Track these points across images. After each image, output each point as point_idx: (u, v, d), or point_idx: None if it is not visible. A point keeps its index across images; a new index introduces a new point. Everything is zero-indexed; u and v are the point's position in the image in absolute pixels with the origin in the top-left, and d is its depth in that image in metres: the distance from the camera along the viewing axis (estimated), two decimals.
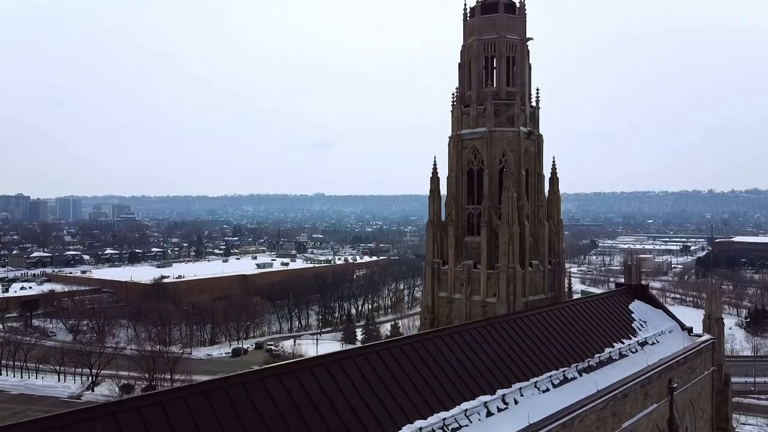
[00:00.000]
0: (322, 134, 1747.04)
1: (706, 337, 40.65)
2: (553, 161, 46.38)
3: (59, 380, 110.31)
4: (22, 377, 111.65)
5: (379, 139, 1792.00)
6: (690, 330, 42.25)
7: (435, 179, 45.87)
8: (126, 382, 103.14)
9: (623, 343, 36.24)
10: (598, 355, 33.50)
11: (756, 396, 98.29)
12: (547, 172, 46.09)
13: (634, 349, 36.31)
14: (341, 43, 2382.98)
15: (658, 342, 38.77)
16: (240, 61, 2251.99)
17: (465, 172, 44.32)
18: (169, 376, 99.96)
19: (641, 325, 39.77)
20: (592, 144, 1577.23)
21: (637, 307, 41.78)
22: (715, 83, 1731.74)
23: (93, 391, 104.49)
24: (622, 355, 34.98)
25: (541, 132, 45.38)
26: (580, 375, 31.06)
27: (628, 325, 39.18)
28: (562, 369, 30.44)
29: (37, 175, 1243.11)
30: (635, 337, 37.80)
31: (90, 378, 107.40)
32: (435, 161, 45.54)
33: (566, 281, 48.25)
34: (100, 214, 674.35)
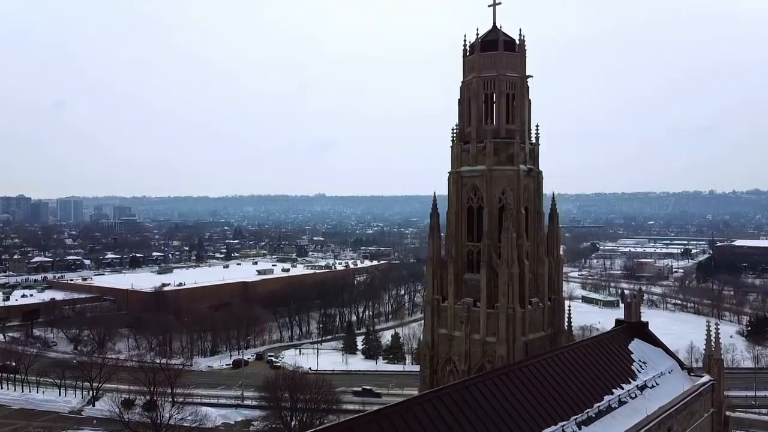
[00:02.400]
0: (323, 134, 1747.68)
1: (706, 378, 40.57)
2: (553, 197, 46.38)
3: (60, 394, 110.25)
4: (23, 391, 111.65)
5: (380, 139, 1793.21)
6: (690, 370, 42.19)
7: (435, 215, 45.79)
8: (127, 396, 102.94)
9: (623, 388, 36.20)
10: (597, 404, 33.47)
11: (756, 411, 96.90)
12: (546, 205, 46.09)
13: (633, 395, 36.28)
14: (342, 43, 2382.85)
15: (657, 384, 38.73)
16: (241, 61, 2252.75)
17: (465, 209, 44.23)
18: (170, 390, 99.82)
19: (641, 366, 39.72)
20: (594, 144, 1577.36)
21: (637, 347, 41.71)
22: (714, 81, 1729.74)
23: (94, 405, 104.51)
24: (621, 403, 34.95)
25: (540, 133, 45.36)
26: (579, 429, 31.03)
27: (628, 367, 39.12)
28: (561, 424, 30.40)
29: (38, 176, 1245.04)
30: (635, 380, 37.76)
31: (91, 392, 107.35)
32: (434, 198, 45.49)
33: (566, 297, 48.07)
34: (101, 215, 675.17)
